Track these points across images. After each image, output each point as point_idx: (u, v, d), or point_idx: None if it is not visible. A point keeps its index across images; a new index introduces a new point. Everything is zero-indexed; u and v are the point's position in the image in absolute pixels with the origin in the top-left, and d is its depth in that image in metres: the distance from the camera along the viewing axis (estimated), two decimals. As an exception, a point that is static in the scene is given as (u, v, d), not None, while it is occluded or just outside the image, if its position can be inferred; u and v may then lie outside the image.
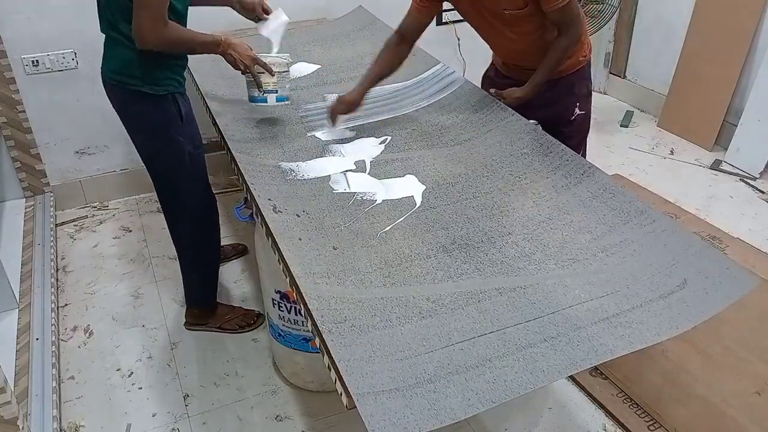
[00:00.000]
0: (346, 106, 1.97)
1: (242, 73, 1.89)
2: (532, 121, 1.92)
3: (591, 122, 2.20)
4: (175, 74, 1.83)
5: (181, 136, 1.87)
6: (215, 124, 2.03)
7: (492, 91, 2.01)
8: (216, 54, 1.83)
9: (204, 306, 2.26)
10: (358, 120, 2.05)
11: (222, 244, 2.39)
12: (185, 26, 1.81)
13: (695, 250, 1.39)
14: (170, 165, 1.91)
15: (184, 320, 2.28)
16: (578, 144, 2.15)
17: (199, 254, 2.15)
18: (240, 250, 2.67)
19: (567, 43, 1.90)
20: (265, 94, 1.95)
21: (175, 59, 1.81)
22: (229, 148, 1.84)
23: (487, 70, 2.28)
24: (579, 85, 2.09)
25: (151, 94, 1.79)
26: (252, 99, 1.98)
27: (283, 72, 1.96)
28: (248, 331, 2.27)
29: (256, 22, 2.07)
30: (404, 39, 2.02)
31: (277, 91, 1.96)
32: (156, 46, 1.69)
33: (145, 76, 1.77)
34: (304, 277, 1.34)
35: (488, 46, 2.14)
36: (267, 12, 2.04)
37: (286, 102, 2.01)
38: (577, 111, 2.10)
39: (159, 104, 1.81)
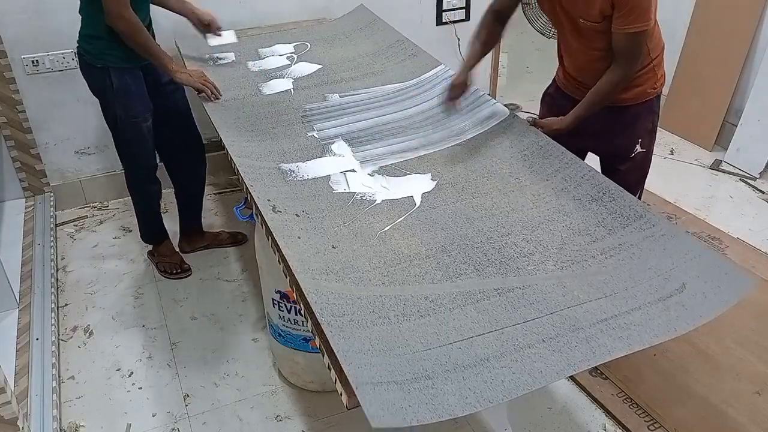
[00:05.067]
0: (460, 89, 1.92)
1: (198, 88, 2.16)
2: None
3: None
4: (113, 50, 2.07)
5: (113, 103, 2.16)
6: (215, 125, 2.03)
7: (529, 119, 1.88)
8: (168, 70, 2.10)
9: (146, 240, 2.61)
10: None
11: (221, 230, 2.79)
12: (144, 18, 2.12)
13: (694, 254, 1.39)
14: (109, 125, 2.26)
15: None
16: (634, 185, 1.94)
17: (134, 198, 2.48)
18: (238, 239, 2.78)
19: (619, 78, 1.75)
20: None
21: (115, 40, 2.04)
22: (228, 152, 1.84)
23: (548, 87, 2.12)
24: (645, 118, 1.91)
25: (90, 64, 2.12)
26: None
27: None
28: (168, 277, 2.54)
29: (205, 37, 2.48)
30: (499, 17, 1.91)
31: None
32: (119, 25, 1.97)
33: (91, 49, 2.09)
34: (303, 273, 1.35)
35: (553, 57, 2.02)
36: (219, 32, 2.44)
37: None
38: (638, 148, 1.92)
39: (95, 74, 2.14)
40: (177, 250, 2.63)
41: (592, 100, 1.79)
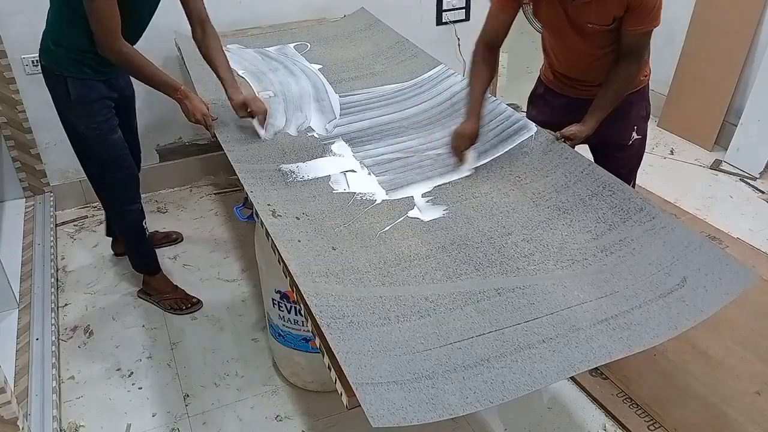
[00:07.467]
0: (469, 139, 1.77)
1: (194, 123, 1.98)
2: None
3: None
4: (75, 61, 1.91)
5: (72, 114, 2.00)
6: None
7: (557, 134, 1.80)
8: (172, 99, 1.94)
9: (137, 270, 2.41)
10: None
11: (158, 230, 2.71)
12: (137, 31, 1.98)
13: (694, 247, 1.39)
14: (68, 135, 2.08)
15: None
16: (630, 172, 2.02)
17: (114, 217, 2.31)
18: (173, 239, 2.75)
19: (634, 73, 1.78)
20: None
21: (78, 48, 1.88)
22: (228, 157, 1.83)
23: (535, 89, 2.11)
24: (638, 106, 1.95)
25: (49, 70, 1.96)
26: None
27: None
28: (179, 314, 2.35)
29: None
30: (492, 46, 1.83)
31: None
32: (112, 56, 1.83)
33: (52, 55, 1.93)
34: (303, 276, 1.35)
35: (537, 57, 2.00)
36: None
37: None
38: (635, 135, 1.96)
39: (52, 81, 1.98)
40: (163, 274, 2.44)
41: (611, 98, 1.79)
